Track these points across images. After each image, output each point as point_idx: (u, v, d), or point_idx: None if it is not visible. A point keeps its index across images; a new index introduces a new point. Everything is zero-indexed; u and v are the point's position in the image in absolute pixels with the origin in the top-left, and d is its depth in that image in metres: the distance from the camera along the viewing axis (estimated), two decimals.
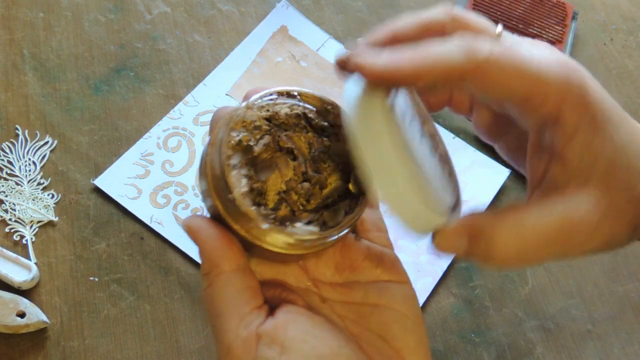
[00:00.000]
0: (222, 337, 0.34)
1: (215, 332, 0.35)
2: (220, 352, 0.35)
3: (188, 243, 0.54)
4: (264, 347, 0.34)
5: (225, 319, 0.35)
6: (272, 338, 0.34)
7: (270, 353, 0.34)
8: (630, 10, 0.70)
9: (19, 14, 0.62)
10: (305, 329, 0.35)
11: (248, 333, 0.34)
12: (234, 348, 0.34)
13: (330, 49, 0.64)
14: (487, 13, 0.65)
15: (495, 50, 0.32)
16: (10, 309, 0.49)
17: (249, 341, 0.34)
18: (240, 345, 0.34)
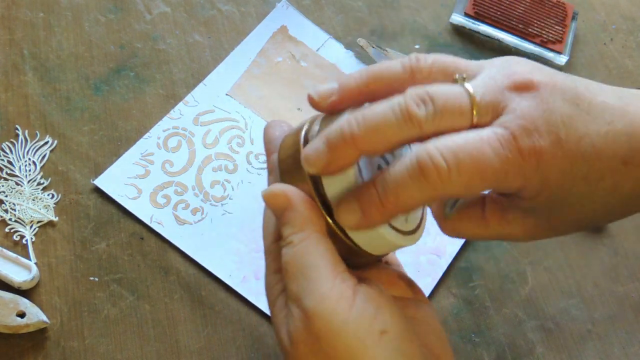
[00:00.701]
0: (315, 287, 0.34)
1: (304, 285, 0.34)
2: (310, 303, 0.34)
3: (188, 243, 0.54)
4: (361, 301, 0.34)
5: (320, 271, 0.34)
6: (368, 297, 0.34)
7: (367, 307, 0.34)
8: (630, 10, 0.70)
9: (19, 14, 0.62)
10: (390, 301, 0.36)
11: (346, 286, 0.34)
12: (330, 297, 0.34)
13: (330, 49, 0.64)
14: (487, 13, 0.65)
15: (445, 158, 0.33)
16: (10, 309, 0.49)
17: (346, 292, 0.34)
18: (337, 294, 0.34)
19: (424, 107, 0.33)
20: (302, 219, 0.36)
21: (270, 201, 0.37)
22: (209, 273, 0.53)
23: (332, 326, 0.33)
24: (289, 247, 0.36)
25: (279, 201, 0.36)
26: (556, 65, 0.65)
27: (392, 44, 0.65)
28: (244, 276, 0.53)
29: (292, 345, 0.34)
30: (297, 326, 0.34)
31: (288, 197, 0.36)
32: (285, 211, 0.36)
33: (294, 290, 0.35)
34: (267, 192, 0.37)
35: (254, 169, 0.57)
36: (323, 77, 0.62)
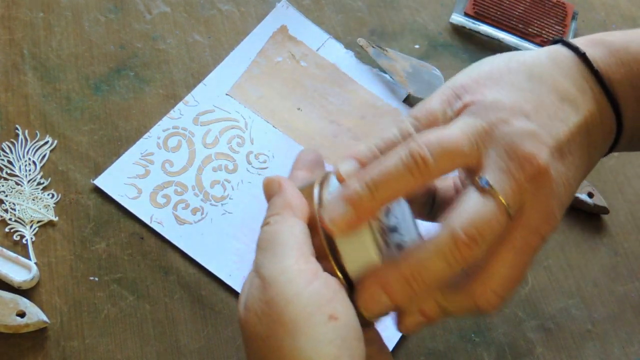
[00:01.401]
0: (278, 260, 0.35)
1: (269, 257, 0.36)
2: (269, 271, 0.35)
3: (188, 243, 0.54)
4: (320, 284, 0.35)
5: (286, 248, 0.36)
6: (328, 283, 0.35)
7: (324, 291, 0.35)
8: (630, 10, 0.70)
9: (19, 14, 0.62)
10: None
11: (308, 267, 0.35)
12: (290, 270, 0.35)
13: (330, 49, 0.64)
14: (487, 13, 0.65)
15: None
16: (10, 308, 0.49)
17: (307, 271, 0.35)
18: (297, 269, 0.35)
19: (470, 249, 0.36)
20: (284, 203, 0.38)
21: (266, 187, 0.40)
22: (209, 273, 0.53)
23: (284, 295, 0.34)
24: (265, 226, 0.38)
25: (272, 187, 0.39)
26: None
27: (392, 44, 0.65)
28: (244, 276, 0.53)
29: (245, 311, 0.35)
30: (252, 293, 0.35)
31: (281, 184, 0.39)
32: (274, 196, 0.39)
33: (257, 261, 0.36)
34: (266, 178, 0.40)
35: (254, 168, 0.57)
36: (323, 77, 0.62)
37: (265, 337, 0.34)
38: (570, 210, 0.56)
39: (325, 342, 0.33)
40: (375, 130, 0.60)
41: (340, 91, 0.62)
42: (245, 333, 0.35)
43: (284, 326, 0.33)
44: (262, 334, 0.34)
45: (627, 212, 0.59)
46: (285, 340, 0.33)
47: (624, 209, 0.60)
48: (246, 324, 0.35)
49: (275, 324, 0.34)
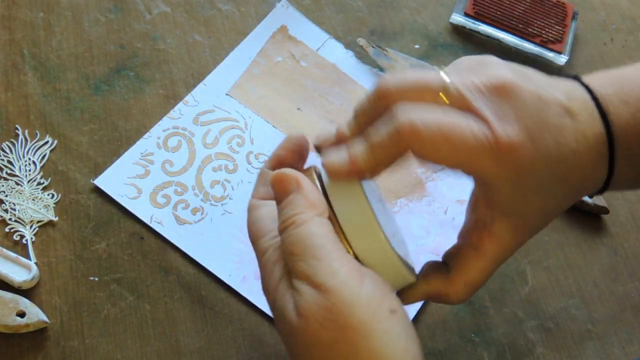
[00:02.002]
0: (325, 265, 0.35)
1: (313, 263, 0.35)
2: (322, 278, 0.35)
3: (188, 243, 0.54)
4: (370, 281, 0.35)
5: (327, 251, 0.35)
6: (375, 279, 0.36)
7: (376, 288, 0.35)
8: (630, 10, 0.70)
9: (19, 14, 0.62)
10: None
11: (353, 266, 0.35)
12: (341, 273, 0.35)
13: (330, 49, 0.64)
14: (487, 13, 0.65)
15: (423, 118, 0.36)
16: (10, 308, 0.49)
17: (355, 271, 0.35)
18: (346, 272, 0.35)
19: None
20: (307, 202, 0.37)
21: (280, 182, 0.38)
22: (209, 273, 0.53)
23: (345, 299, 0.34)
24: (291, 228, 0.36)
25: (288, 183, 0.38)
26: (556, 65, 0.65)
27: (392, 44, 0.65)
28: (244, 276, 0.53)
29: (302, 319, 0.34)
30: (306, 301, 0.34)
31: (299, 181, 0.38)
32: (292, 193, 0.37)
33: (302, 268, 0.35)
34: (278, 173, 0.38)
35: (254, 168, 0.57)
36: (323, 77, 0.62)
37: (333, 342, 0.34)
38: (570, 210, 0.56)
39: (395, 336, 0.34)
40: None
41: (340, 91, 0.62)
42: (304, 341, 0.35)
43: (354, 329, 0.34)
44: (328, 340, 0.34)
45: (627, 212, 0.59)
46: (358, 343, 0.34)
47: (624, 209, 0.60)
48: (305, 332, 0.35)
49: (343, 329, 0.34)
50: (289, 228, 0.37)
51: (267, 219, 0.40)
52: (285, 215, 0.37)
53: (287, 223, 0.37)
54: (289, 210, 0.37)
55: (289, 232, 0.37)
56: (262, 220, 0.40)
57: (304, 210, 0.37)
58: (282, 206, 0.38)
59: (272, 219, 0.40)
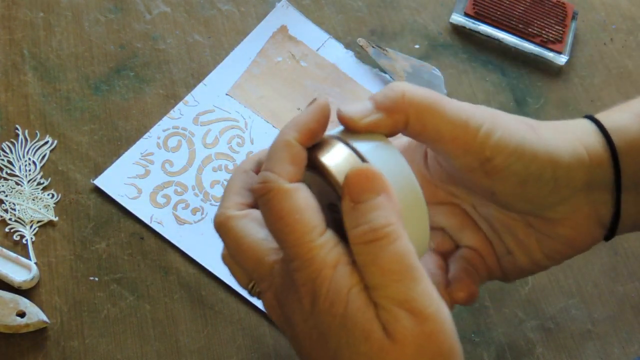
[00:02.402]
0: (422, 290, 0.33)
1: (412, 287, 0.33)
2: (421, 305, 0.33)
3: (188, 243, 0.54)
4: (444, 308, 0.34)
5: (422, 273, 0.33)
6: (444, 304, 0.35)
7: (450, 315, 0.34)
8: (630, 10, 0.70)
9: (19, 14, 0.62)
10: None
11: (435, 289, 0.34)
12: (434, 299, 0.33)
13: (330, 49, 0.64)
14: (487, 13, 0.65)
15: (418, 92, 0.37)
16: (10, 308, 0.49)
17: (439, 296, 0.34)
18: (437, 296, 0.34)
19: None
20: (397, 212, 0.33)
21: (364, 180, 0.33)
22: (209, 273, 0.53)
23: (441, 326, 0.33)
24: (386, 242, 0.32)
25: (377, 184, 0.33)
26: (556, 65, 0.65)
27: (392, 44, 0.65)
28: None
29: (396, 343, 0.33)
30: (404, 326, 0.33)
31: (385, 182, 0.34)
32: (380, 196, 0.33)
33: (399, 291, 0.33)
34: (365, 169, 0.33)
35: None
36: (323, 77, 0.62)
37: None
38: None
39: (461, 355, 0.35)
40: None
41: (340, 91, 0.62)
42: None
43: (447, 355, 0.34)
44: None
45: None
46: None
47: None
48: (402, 356, 0.33)
49: (439, 356, 0.33)
50: (380, 242, 0.32)
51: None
52: (375, 224, 0.33)
53: (378, 235, 0.32)
54: (378, 219, 0.33)
55: (380, 247, 0.32)
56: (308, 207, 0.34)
57: (395, 221, 0.33)
58: (365, 210, 0.33)
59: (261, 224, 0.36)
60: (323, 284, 0.33)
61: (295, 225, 0.33)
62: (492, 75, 0.65)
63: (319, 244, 0.33)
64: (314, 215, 0.34)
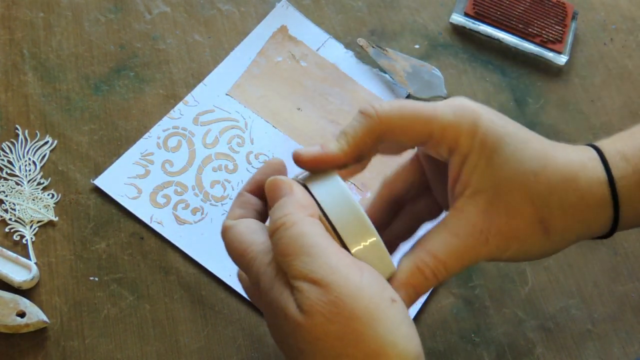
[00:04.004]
0: (322, 262, 0.36)
1: (309, 261, 0.36)
2: (321, 274, 0.35)
3: (188, 243, 0.54)
4: (369, 273, 0.37)
5: (322, 248, 0.36)
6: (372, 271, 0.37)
7: (375, 279, 0.37)
8: (630, 10, 0.70)
9: (19, 14, 0.62)
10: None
11: (350, 260, 0.37)
12: (340, 267, 0.36)
13: (330, 49, 0.64)
14: (487, 13, 0.65)
15: (383, 106, 0.40)
16: (10, 308, 0.49)
17: (353, 265, 0.36)
18: (345, 265, 0.36)
19: None
20: (297, 204, 0.38)
21: (274, 188, 0.39)
22: (209, 273, 0.53)
23: (348, 291, 0.35)
24: (282, 229, 0.37)
25: (282, 188, 0.39)
26: (556, 65, 0.65)
27: (392, 44, 0.65)
28: None
29: (307, 315, 0.35)
30: (308, 297, 0.35)
31: (292, 186, 0.39)
32: (283, 197, 0.38)
33: (298, 267, 0.36)
34: (272, 179, 0.40)
35: (254, 168, 0.57)
36: (323, 77, 0.62)
37: (342, 334, 0.35)
38: None
39: (398, 324, 0.36)
40: None
41: (340, 91, 0.62)
42: (310, 336, 0.35)
43: (359, 319, 0.35)
44: (336, 332, 0.35)
45: None
46: (365, 333, 0.35)
47: None
48: (312, 327, 0.35)
49: (350, 321, 0.35)
50: (279, 230, 0.37)
51: (248, 232, 0.40)
52: (275, 216, 0.38)
53: (277, 224, 0.37)
54: (279, 212, 0.38)
55: (280, 233, 0.37)
56: (244, 235, 0.40)
57: (293, 211, 0.37)
58: (273, 209, 0.38)
59: (253, 231, 0.40)
60: (260, 279, 0.38)
61: (239, 247, 0.40)
62: (492, 75, 0.65)
63: (256, 252, 0.39)
64: (252, 235, 0.40)
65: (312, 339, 0.35)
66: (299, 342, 0.36)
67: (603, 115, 0.63)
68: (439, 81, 0.62)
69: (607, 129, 0.62)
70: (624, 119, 0.63)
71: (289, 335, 0.36)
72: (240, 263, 0.40)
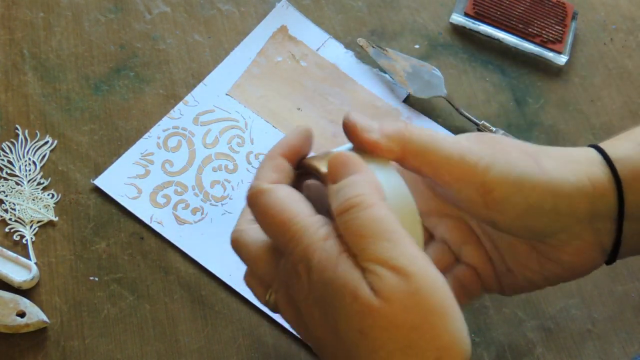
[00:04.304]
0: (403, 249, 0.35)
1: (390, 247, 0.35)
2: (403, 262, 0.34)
3: (188, 243, 0.54)
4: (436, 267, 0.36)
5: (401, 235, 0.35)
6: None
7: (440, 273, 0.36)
8: (630, 10, 0.70)
9: (19, 14, 0.62)
10: None
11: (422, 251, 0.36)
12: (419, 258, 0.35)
13: (330, 49, 0.64)
14: (487, 13, 0.65)
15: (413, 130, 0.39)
16: (10, 308, 0.49)
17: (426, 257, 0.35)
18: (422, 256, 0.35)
19: None
20: (372, 185, 0.36)
21: (341, 162, 0.37)
22: (209, 273, 0.53)
23: (427, 284, 0.34)
24: (357, 209, 0.35)
25: (352, 165, 0.37)
26: (556, 65, 0.65)
27: (392, 44, 0.65)
28: None
29: (384, 301, 0.34)
30: (387, 284, 0.34)
31: (363, 164, 0.37)
32: (354, 174, 0.36)
33: (376, 251, 0.35)
34: (341, 153, 0.37)
35: (254, 168, 0.57)
36: (323, 77, 0.62)
37: (418, 325, 0.34)
38: None
39: (463, 322, 0.36)
40: None
41: (340, 91, 0.62)
42: (385, 322, 0.34)
43: (436, 314, 0.34)
44: (412, 323, 0.34)
45: None
46: (440, 327, 0.35)
47: None
48: (390, 314, 0.34)
49: (428, 313, 0.34)
50: (353, 209, 0.35)
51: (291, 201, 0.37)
52: (348, 194, 0.35)
53: (351, 203, 0.35)
54: (351, 190, 0.36)
55: (354, 213, 0.35)
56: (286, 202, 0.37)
57: (368, 192, 0.36)
58: (341, 186, 0.36)
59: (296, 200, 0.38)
60: (314, 254, 0.36)
61: (280, 215, 0.37)
62: (492, 75, 0.65)
63: (306, 223, 0.36)
64: (298, 204, 0.37)
65: (386, 324, 0.34)
66: (366, 326, 0.34)
67: (603, 115, 0.63)
68: (439, 81, 0.62)
69: (607, 129, 0.62)
70: (624, 119, 0.63)
71: (352, 315, 0.35)
72: (277, 232, 0.37)
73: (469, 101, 0.63)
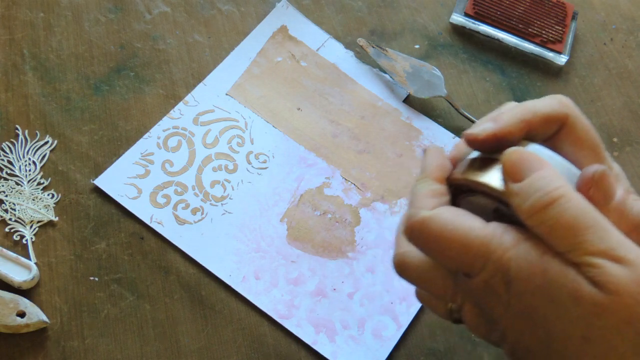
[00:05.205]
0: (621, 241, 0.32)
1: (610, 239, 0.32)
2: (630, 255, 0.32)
3: (188, 243, 0.54)
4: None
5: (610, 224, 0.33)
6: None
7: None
8: (630, 10, 0.70)
9: (19, 14, 0.62)
10: None
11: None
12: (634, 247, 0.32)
13: (330, 49, 0.64)
14: (487, 13, 0.65)
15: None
16: (10, 308, 0.49)
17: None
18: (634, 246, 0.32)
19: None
20: (560, 176, 0.34)
21: (521, 159, 0.34)
22: (209, 273, 0.53)
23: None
24: (562, 202, 0.33)
25: (535, 160, 0.34)
26: (556, 65, 0.65)
27: (392, 44, 0.65)
28: (244, 276, 0.53)
29: (613, 295, 0.31)
30: (614, 275, 0.31)
31: (537, 157, 0.35)
32: (542, 169, 0.34)
33: (595, 242, 0.32)
34: (519, 151, 0.35)
35: (254, 168, 0.57)
36: (323, 77, 0.62)
37: None
38: None
39: None
40: (375, 130, 0.60)
41: (340, 91, 0.62)
42: (615, 318, 0.31)
43: None
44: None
45: None
46: None
47: None
48: (621, 308, 0.31)
49: None
50: (558, 202, 0.33)
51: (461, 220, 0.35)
52: (545, 189, 0.33)
53: (553, 196, 0.33)
54: (546, 184, 0.33)
55: (558, 207, 0.32)
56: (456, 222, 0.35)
57: (563, 184, 0.33)
58: (531, 182, 0.34)
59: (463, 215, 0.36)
60: (510, 265, 0.33)
61: (455, 236, 0.35)
62: (492, 75, 0.65)
63: (486, 235, 0.34)
64: (469, 220, 0.35)
65: (617, 322, 0.31)
66: (594, 328, 0.32)
67: (603, 115, 0.63)
68: (439, 81, 0.62)
69: (607, 129, 0.62)
70: (624, 119, 0.63)
71: (573, 321, 0.32)
72: (457, 254, 0.35)
73: (469, 101, 0.63)
